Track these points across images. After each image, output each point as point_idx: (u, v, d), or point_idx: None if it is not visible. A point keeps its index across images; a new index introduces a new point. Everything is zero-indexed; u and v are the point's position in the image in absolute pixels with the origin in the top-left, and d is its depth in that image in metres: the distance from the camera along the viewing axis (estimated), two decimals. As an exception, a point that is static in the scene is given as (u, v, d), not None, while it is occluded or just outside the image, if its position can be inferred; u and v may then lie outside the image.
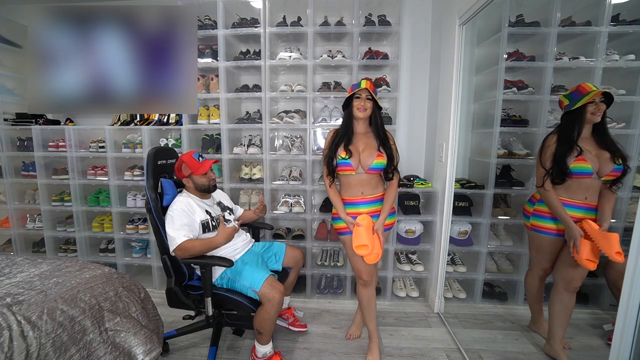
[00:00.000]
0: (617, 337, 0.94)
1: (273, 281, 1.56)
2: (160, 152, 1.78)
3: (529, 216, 1.76)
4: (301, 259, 1.93)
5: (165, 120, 2.58)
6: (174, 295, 1.65)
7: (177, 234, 1.51)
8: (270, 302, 1.51)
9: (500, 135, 2.09)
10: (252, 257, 1.75)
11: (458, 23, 1.91)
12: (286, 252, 1.87)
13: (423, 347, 1.86)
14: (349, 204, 1.66)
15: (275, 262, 1.83)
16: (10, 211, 2.64)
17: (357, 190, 1.64)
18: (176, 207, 1.59)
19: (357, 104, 1.59)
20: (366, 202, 1.64)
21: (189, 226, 1.56)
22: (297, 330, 1.98)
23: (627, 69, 1.85)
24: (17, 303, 1.10)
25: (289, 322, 1.99)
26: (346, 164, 1.58)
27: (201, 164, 1.66)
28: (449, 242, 2.12)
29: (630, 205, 1.86)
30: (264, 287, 1.52)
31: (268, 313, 1.52)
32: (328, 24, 2.31)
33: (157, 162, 1.74)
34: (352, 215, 1.64)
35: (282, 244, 1.92)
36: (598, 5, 1.86)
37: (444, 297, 2.22)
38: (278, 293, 1.52)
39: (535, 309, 1.91)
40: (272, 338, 1.65)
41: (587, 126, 1.57)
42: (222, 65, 2.29)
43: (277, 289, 1.53)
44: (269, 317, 1.53)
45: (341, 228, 1.68)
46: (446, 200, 2.07)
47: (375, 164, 1.58)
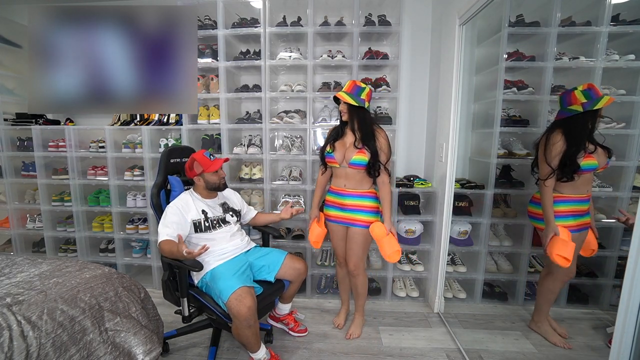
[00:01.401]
0: (617, 337, 0.94)
1: (242, 294, 1.43)
2: (175, 151, 1.84)
3: (540, 218, 1.74)
4: (304, 271, 1.78)
5: (165, 120, 2.58)
6: (166, 288, 1.67)
7: (162, 230, 1.54)
8: (236, 317, 1.42)
9: (500, 135, 2.09)
10: (237, 264, 1.64)
11: (458, 23, 1.91)
12: (284, 263, 1.73)
13: (423, 347, 1.86)
14: (336, 193, 1.85)
15: (267, 273, 1.70)
16: (10, 211, 2.64)
17: (341, 181, 1.82)
18: (172, 204, 1.62)
19: (340, 107, 1.78)
20: (349, 195, 1.80)
21: (177, 224, 1.57)
22: (297, 336, 1.95)
23: (627, 69, 1.85)
24: (17, 303, 1.10)
25: (289, 327, 1.97)
26: (331, 157, 1.79)
27: (213, 162, 1.68)
28: (449, 242, 2.12)
29: (630, 205, 1.87)
30: (230, 299, 1.42)
31: (237, 327, 1.45)
32: (328, 24, 2.31)
33: (170, 160, 1.79)
34: (336, 205, 1.85)
35: (282, 253, 1.79)
36: (598, 5, 1.86)
37: (444, 297, 2.22)
38: (244, 307, 1.40)
39: (545, 311, 1.89)
40: (261, 343, 1.58)
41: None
42: (222, 65, 2.29)
43: (243, 303, 1.41)
44: (239, 332, 1.46)
45: (327, 215, 1.90)
46: (446, 200, 2.06)
47: (355, 159, 1.71)
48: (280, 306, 1.94)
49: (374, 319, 2.15)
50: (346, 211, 1.81)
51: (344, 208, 1.82)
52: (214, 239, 1.67)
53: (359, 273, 1.87)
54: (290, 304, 1.96)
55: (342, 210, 1.83)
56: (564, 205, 1.68)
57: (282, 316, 1.97)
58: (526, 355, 1.76)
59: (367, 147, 1.70)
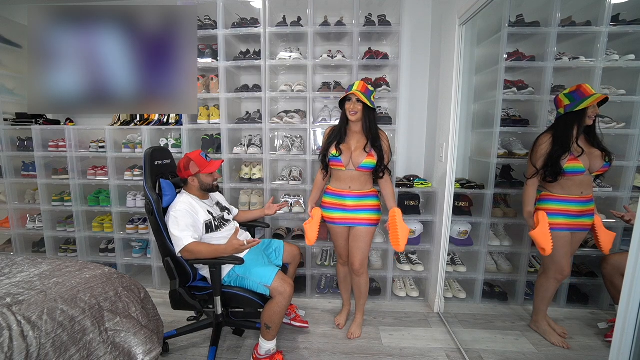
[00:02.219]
0: (617, 337, 0.94)
1: (283, 275, 1.62)
2: (157, 152, 1.75)
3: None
4: (298, 254, 1.97)
5: (165, 120, 2.58)
6: (179, 297, 1.64)
7: (183, 234, 1.52)
8: (282, 295, 1.56)
9: (500, 135, 2.09)
10: (257, 254, 1.79)
11: (458, 23, 1.91)
12: (284, 249, 1.92)
13: (423, 347, 1.86)
14: (336, 194, 1.83)
15: (276, 258, 1.87)
16: (10, 211, 2.64)
17: (345, 184, 1.80)
18: (179, 208, 1.58)
19: (348, 107, 1.72)
20: (353, 196, 1.80)
21: (193, 227, 1.57)
22: (299, 326, 1.98)
23: (627, 69, 1.85)
24: (17, 303, 1.10)
25: (291, 317, 2.00)
26: (337, 160, 1.75)
27: (209, 162, 1.68)
28: (449, 242, 2.12)
29: (630, 205, 1.86)
30: (276, 282, 1.57)
31: (279, 306, 1.57)
32: (328, 24, 2.31)
33: (155, 163, 1.72)
34: (337, 206, 1.83)
35: (280, 240, 1.97)
36: (598, 5, 1.86)
37: (444, 297, 2.22)
38: (289, 286, 1.59)
39: (542, 310, 1.90)
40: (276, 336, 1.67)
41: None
42: (222, 65, 2.29)
43: (287, 282, 1.60)
44: (280, 309, 1.58)
45: (329, 218, 1.87)
46: (446, 200, 2.07)
47: (365, 163, 1.72)
48: None
49: (374, 319, 2.15)
50: (348, 212, 1.81)
51: (345, 209, 1.81)
52: (226, 237, 1.69)
53: (363, 272, 1.87)
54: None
55: (343, 211, 1.82)
56: (553, 204, 1.71)
57: None
58: (526, 355, 1.76)
59: (376, 150, 1.72)
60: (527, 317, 2.04)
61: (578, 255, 2.01)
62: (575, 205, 1.68)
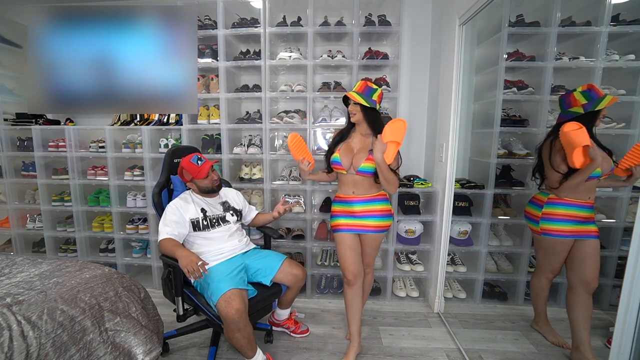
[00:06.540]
0: (617, 337, 0.94)
1: (231, 296, 1.41)
2: (178, 151, 1.86)
3: (537, 220, 1.72)
4: (302, 278, 1.73)
5: (165, 120, 2.58)
6: (165, 286, 1.70)
7: (162, 229, 1.58)
8: (225, 320, 1.41)
9: (500, 135, 2.10)
10: (232, 265, 1.61)
11: (458, 23, 1.91)
12: (282, 268, 1.68)
13: (423, 347, 1.86)
14: (343, 201, 1.71)
15: (264, 276, 1.67)
16: (10, 211, 2.64)
17: (348, 189, 1.68)
18: (171, 204, 1.66)
19: (349, 109, 1.66)
20: (359, 201, 1.67)
21: (177, 223, 1.60)
22: (300, 337, 1.94)
23: (627, 69, 1.85)
24: (17, 303, 1.10)
25: (291, 330, 1.95)
26: (337, 163, 1.65)
27: (200, 168, 1.65)
28: (449, 242, 2.12)
29: (630, 205, 1.86)
30: (219, 301, 1.40)
31: (227, 330, 1.43)
32: (328, 24, 2.31)
33: (174, 160, 1.82)
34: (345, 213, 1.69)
35: (281, 258, 1.74)
36: (598, 5, 1.85)
37: (444, 297, 2.22)
38: (232, 310, 1.37)
39: (541, 309, 1.90)
40: (256, 349, 1.53)
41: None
42: (222, 65, 2.29)
43: (232, 305, 1.38)
44: (229, 335, 1.44)
45: (336, 225, 1.71)
46: (446, 200, 2.07)
47: (363, 167, 1.59)
48: (279, 311, 1.92)
49: (374, 319, 2.15)
50: (356, 218, 1.68)
51: (353, 215, 1.68)
52: (211, 238, 1.68)
53: (369, 270, 1.85)
54: (289, 309, 1.93)
55: (351, 217, 1.69)
56: (563, 209, 1.64)
57: (282, 321, 1.95)
58: (526, 355, 1.76)
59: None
60: (527, 317, 2.03)
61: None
62: (583, 211, 1.62)
